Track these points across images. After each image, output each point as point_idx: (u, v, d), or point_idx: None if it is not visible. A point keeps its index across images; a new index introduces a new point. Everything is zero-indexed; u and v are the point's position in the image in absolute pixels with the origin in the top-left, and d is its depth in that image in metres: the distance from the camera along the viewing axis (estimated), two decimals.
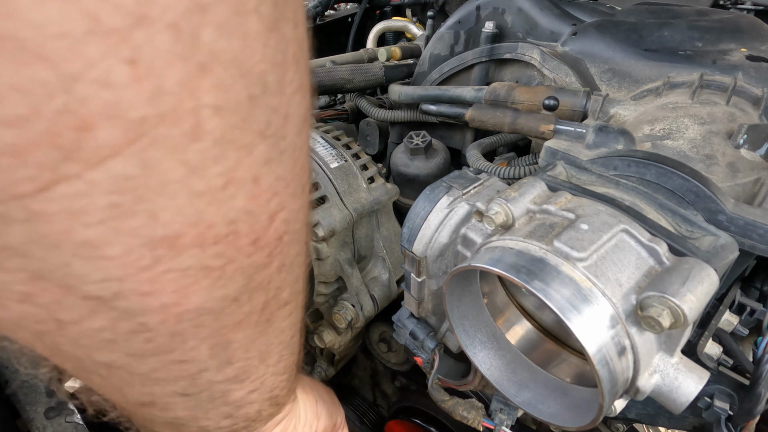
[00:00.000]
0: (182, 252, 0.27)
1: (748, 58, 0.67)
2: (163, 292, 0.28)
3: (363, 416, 1.14)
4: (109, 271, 0.26)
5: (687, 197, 0.48)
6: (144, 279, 0.27)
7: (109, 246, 0.25)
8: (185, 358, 0.34)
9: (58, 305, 0.27)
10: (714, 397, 0.51)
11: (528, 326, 0.57)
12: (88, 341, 0.30)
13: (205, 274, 0.29)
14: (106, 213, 0.24)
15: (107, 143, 0.22)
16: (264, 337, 0.40)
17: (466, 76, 0.96)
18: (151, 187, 0.24)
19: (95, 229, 0.24)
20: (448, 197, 0.55)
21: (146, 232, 0.25)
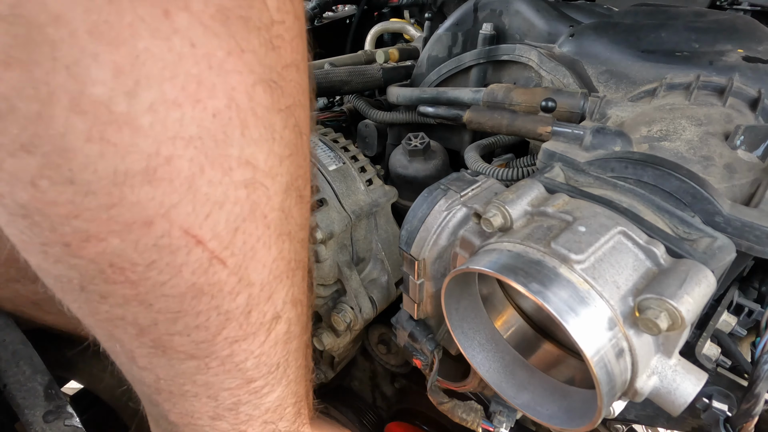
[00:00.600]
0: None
1: (744, 59, 0.67)
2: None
3: (362, 418, 1.14)
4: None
5: (684, 199, 0.48)
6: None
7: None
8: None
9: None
10: (712, 398, 0.51)
11: (526, 328, 0.57)
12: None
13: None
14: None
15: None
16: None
17: (464, 77, 0.96)
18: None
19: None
20: (446, 200, 0.56)
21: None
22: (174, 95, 0.26)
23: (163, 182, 0.28)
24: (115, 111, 0.24)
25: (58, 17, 0.22)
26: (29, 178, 0.26)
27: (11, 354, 0.67)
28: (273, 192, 0.35)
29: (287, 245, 0.40)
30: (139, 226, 0.29)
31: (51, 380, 0.66)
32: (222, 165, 0.30)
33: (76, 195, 0.26)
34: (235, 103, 0.29)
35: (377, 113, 1.04)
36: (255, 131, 0.31)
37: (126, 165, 0.26)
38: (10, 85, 0.23)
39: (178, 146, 0.27)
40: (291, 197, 0.39)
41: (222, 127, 0.29)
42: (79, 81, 0.23)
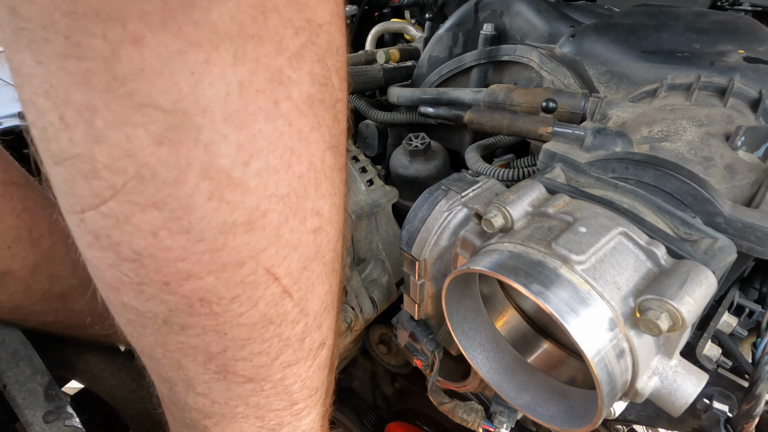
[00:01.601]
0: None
1: (745, 59, 0.67)
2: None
3: (363, 418, 1.14)
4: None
5: (685, 200, 0.48)
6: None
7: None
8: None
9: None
10: (713, 399, 0.51)
11: (527, 329, 0.57)
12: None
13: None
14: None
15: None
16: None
17: (464, 78, 0.96)
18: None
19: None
20: (446, 200, 0.56)
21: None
22: (275, 163, 0.32)
23: (258, 231, 0.33)
24: (233, 177, 0.30)
25: (204, 109, 0.28)
26: (152, 229, 0.31)
27: (11, 354, 0.67)
28: (331, 236, 0.41)
29: (335, 280, 0.46)
30: (233, 266, 0.34)
31: (51, 380, 0.66)
32: (299, 215, 0.36)
33: (188, 242, 0.32)
34: (313, 167, 0.36)
35: (378, 113, 1.04)
36: (324, 188, 0.38)
37: (234, 217, 0.32)
38: (157, 158, 0.28)
39: (272, 202, 0.33)
40: (340, 240, 0.45)
41: (303, 186, 0.35)
42: (212, 155, 0.29)
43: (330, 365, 0.52)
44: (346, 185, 0.45)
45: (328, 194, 0.39)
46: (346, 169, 0.44)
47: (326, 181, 0.38)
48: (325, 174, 0.37)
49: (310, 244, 0.38)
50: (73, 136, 0.28)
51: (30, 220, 0.62)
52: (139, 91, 0.26)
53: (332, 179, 0.39)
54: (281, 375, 0.43)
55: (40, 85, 0.27)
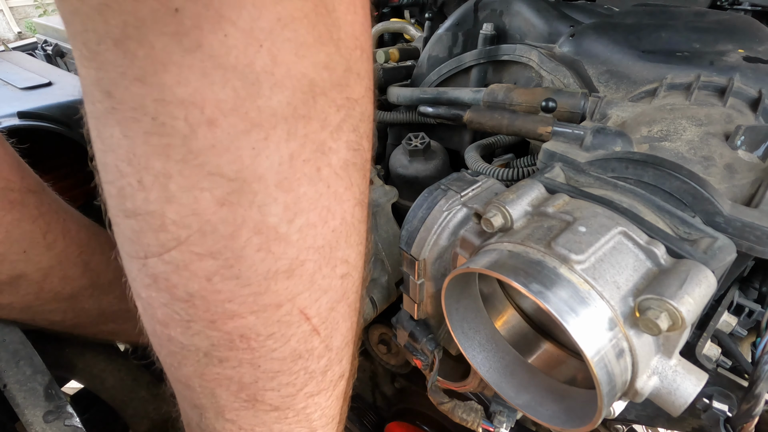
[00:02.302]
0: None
1: (745, 59, 0.67)
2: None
3: (363, 418, 1.14)
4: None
5: (685, 199, 0.48)
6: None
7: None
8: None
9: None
10: (713, 399, 0.51)
11: (527, 328, 0.57)
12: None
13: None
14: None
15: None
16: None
17: (464, 77, 0.96)
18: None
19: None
20: (446, 200, 0.56)
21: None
22: (314, 220, 0.36)
23: (296, 277, 0.37)
24: (279, 232, 0.35)
25: (260, 177, 0.32)
26: (207, 275, 0.35)
27: (11, 354, 0.67)
28: (356, 279, 0.45)
29: (356, 318, 0.50)
30: (273, 308, 0.38)
31: (51, 380, 0.66)
32: (331, 263, 0.40)
33: (236, 286, 0.36)
34: (345, 221, 0.40)
35: (377, 113, 1.04)
36: (353, 238, 0.42)
37: (277, 266, 0.36)
38: (218, 216, 0.33)
39: (309, 253, 0.37)
40: (363, 282, 0.49)
41: (336, 238, 0.39)
42: (263, 214, 0.33)
43: (345, 395, 0.56)
44: (369, 233, 0.49)
45: (355, 244, 0.43)
46: (369, 219, 0.49)
47: (354, 233, 0.42)
48: (354, 226, 0.41)
49: (338, 288, 0.42)
50: (148, 197, 0.32)
51: (45, 225, 0.65)
52: (209, 162, 0.31)
53: (359, 230, 0.43)
54: (304, 404, 0.47)
55: (125, 153, 0.31)
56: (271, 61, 0.29)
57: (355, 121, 0.38)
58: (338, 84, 0.34)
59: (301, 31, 0.30)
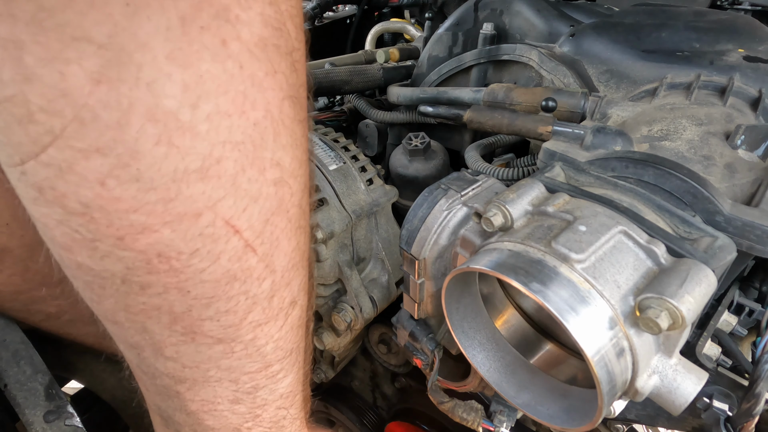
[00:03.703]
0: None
1: (745, 58, 0.67)
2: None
3: (363, 418, 1.14)
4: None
5: (685, 198, 0.48)
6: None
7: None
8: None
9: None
10: (713, 398, 0.51)
11: (527, 328, 0.57)
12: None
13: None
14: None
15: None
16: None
17: (464, 77, 0.96)
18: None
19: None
20: (446, 199, 0.56)
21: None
22: (226, 107, 0.31)
23: (213, 179, 0.32)
24: (181, 120, 0.29)
25: (144, 44, 0.27)
26: (99, 177, 0.29)
27: (12, 354, 0.67)
28: (295, 190, 0.40)
29: (302, 238, 0.45)
30: (190, 218, 0.33)
31: (51, 380, 0.66)
32: (258, 165, 0.35)
33: (139, 191, 0.30)
34: (270, 115, 0.35)
35: (378, 113, 1.04)
36: (284, 138, 0.37)
37: (185, 164, 0.31)
38: (97, 98, 0.27)
39: (226, 149, 0.32)
40: (305, 196, 0.44)
41: (260, 134, 0.34)
42: (156, 95, 0.28)
43: (305, 326, 0.51)
44: (310, 140, 0.44)
45: (288, 145, 0.37)
46: (307, 123, 0.43)
47: (286, 132, 0.37)
48: (284, 124, 0.36)
49: (271, 196, 0.37)
50: (1, 76, 0.26)
51: None
52: (69, 22, 0.25)
53: (292, 130, 0.38)
54: (252, 335, 0.42)
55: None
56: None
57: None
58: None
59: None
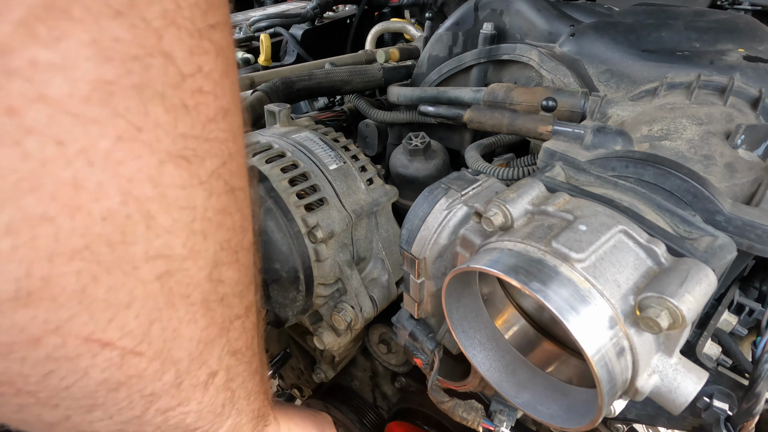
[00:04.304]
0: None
1: (745, 58, 0.67)
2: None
3: (363, 417, 1.14)
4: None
5: (685, 198, 0.48)
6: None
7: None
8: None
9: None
10: (713, 398, 0.51)
11: (527, 327, 0.57)
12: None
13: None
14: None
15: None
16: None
17: (464, 77, 0.96)
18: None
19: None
20: (446, 199, 0.56)
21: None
22: (40, 210, 0.23)
23: (43, 302, 0.25)
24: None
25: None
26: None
27: None
28: (197, 270, 0.32)
29: (219, 310, 0.37)
30: (22, 346, 0.26)
31: None
32: (123, 268, 0.27)
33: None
34: (133, 197, 0.26)
35: (378, 113, 1.04)
36: (166, 219, 0.28)
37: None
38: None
39: (56, 263, 0.24)
40: (222, 263, 0.36)
41: (117, 229, 0.26)
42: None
43: (241, 374, 0.44)
44: (243, 193, 0.36)
45: (178, 225, 0.29)
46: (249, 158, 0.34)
47: (170, 209, 0.28)
48: (165, 199, 0.27)
49: (154, 294, 0.30)
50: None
51: None
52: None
53: (187, 201, 0.29)
54: (162, 419, 0.37)
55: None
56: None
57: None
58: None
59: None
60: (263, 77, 1.19)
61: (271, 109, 0.87)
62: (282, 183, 0.72)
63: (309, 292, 0.76)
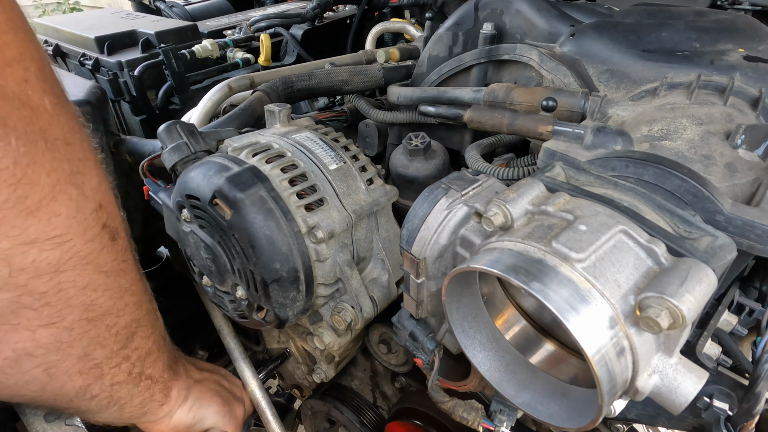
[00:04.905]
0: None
1: (745, 58, 0.67)
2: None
3: (363, 417, 1.14)
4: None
5: (685, 198, 0.48)
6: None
7: None
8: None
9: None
10: (713, 398, 0.51)
11: (527, 327, 0.57)
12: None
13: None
14: None
15: None
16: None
17: (464, 77, 0.96)
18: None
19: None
20: (446, 198, 0.56)
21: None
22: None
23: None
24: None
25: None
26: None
27: None
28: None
29: (95, 374, 0.51)
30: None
31: None
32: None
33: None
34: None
35: (378, 113, 1.04)
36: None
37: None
38: None
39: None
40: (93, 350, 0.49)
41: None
42: None
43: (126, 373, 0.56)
44: (121, 245, 0.49)
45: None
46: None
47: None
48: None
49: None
50: None
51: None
52: None
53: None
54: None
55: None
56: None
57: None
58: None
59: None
60: (263, 77, 1.20)
61: (271, 109, 0.87)
62: (282, 183, 0.72)
63: (309, 292, 0.76)
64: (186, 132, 0.82)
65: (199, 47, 1.43)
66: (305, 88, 1.03)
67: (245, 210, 0.68)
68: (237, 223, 0.69)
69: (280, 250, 0.70)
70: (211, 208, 0.71)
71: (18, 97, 0.35)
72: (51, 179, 0.38)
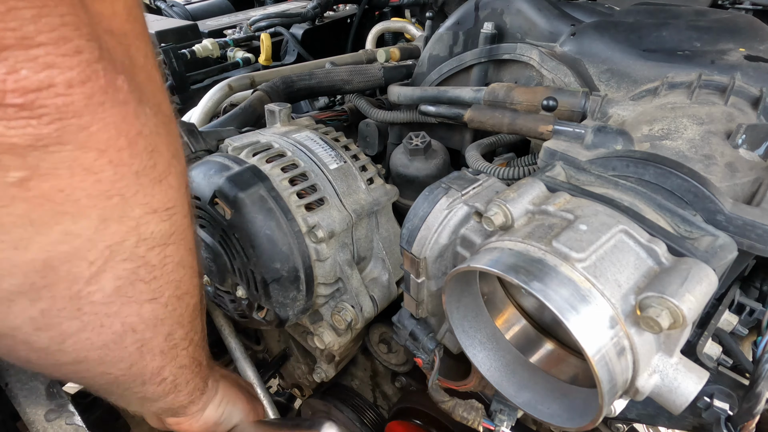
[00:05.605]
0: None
1: (746, 57, 0.67)
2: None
3: (363, 417, 1.14)
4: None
5: (686, 197, 0.48)
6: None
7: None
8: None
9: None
10: (713, 397, 0.51)
11: (527, 327, 0.57)
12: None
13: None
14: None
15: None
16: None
17: (465, 76, 0.96)
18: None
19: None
20: (447, 198, 0.55)
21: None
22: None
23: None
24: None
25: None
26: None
27: None
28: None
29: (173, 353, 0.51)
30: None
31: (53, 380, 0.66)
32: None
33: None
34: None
35: (378, 112, 1.04)
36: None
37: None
38: None
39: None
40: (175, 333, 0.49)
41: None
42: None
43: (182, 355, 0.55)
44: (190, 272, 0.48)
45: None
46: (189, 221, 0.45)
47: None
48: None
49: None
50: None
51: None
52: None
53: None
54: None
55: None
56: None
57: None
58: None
59: None
60: (263, 77, 1.20)
61: (272, 109, 0.87)
62: (282, 182, 0.72)
63: (309, 292, 0.76)
64: (186, 131, 0.82)
65: (200, 46, 1.43)
66: (305, 87, 1.03)
67: (245, 209, 0.68)
68: (237, 223, 0.69)
69: (281, 249, 0.70)
70: (211, 207, 0.71)
71: (144, 69, 0.36)
72: (169, 151, 0.39)
